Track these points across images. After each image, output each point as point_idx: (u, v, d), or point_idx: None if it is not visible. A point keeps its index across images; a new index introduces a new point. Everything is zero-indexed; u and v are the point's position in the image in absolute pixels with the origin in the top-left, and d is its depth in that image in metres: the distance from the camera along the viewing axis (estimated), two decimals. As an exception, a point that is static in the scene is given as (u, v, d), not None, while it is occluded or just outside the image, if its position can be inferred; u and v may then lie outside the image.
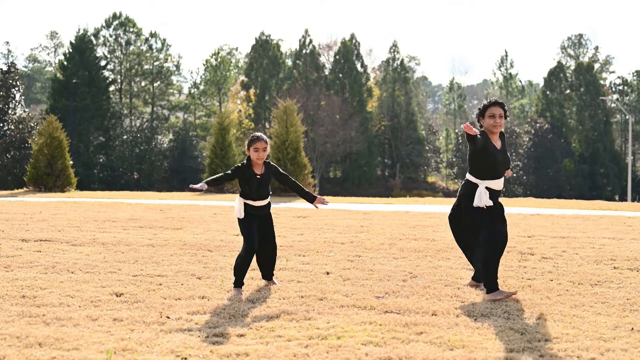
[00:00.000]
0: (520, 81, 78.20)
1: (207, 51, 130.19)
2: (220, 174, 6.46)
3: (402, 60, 70.01)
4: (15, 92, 49.10)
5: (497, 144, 6.33)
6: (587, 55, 76.15)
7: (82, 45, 59.59)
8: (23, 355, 4.23)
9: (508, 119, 6.42)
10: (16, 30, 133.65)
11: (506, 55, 75.02)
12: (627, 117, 62.61)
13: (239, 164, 6.47)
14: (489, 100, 6.36)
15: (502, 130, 6.44)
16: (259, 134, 6.41)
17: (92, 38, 62.51)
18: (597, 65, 74.33)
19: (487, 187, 6.25)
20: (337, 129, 60.31)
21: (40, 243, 9.39)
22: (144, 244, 9.44)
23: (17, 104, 49.01)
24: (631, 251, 9.10)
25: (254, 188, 6.39)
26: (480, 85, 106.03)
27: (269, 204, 6.54)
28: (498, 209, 6.35)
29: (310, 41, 65.47)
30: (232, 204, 19.76)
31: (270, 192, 6.56)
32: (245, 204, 6.43)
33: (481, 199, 6.23)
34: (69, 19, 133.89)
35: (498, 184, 6.32)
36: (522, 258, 8.52)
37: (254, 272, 7.36)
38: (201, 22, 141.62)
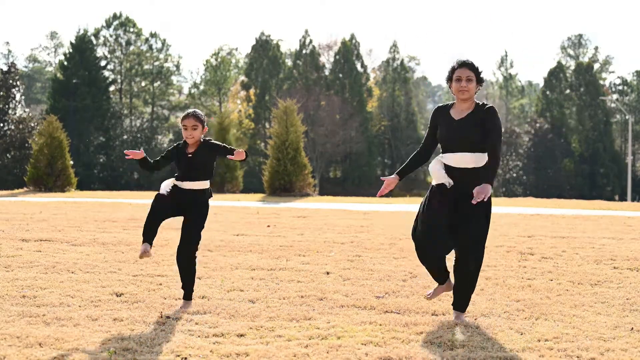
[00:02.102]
0: (520, 81, 78.20)
1: (207, 51, 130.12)
2: (156, 159, 5.91)
3: (402, 60, 69.98)
4: (15, 92, 49.12)
5: (460, 114, 5.29)
6: (587, 55, 76.11)
7: (82, 45, 59.56)
8: (23, 355, 4.23)
9: (483, 83, 5.32)
10: (16, 30, 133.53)
11: (506, 55, 75.01)
12: (627, 117, 62.59)
13: (176, 144, 5.87)
14: (456, 62, 5.30)
15: (473, 99, 5.30)
16: (191, 110, 5.79)
17: (92, 38, 62.48)
18: (597, 65, 74.29)
19: (445, 164, 5.29)
20: (337, 129, 60.30)
21: (41, 243, 9.39)
22: (144, 244, 9.43)
23: (17, 104, 49.04)
24: (631, 251, 9.10)
25: (183, 168, 5.71)
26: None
27: (204, 191, 5.75)
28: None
29: (310, 41, 65.45)
30: (232, 204, 19.75)
31: (210, 179, 5.77)
32: (173, 184, 5.77)
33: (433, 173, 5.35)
34: (69, 19, 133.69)
35: (455, 160, 5.23)
36: (522, 258, 8.52)
37: (254, 272, 7.36)
38: (201, 22, 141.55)
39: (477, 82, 5.27)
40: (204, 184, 5.77)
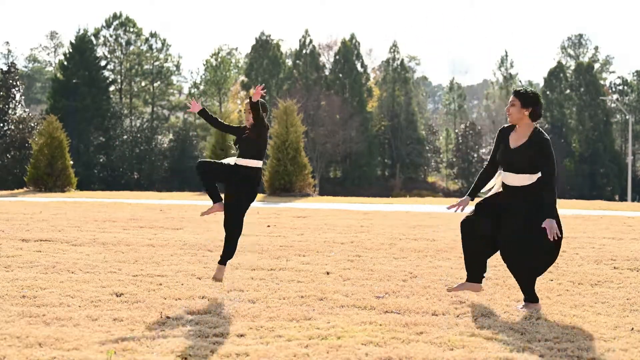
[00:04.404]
0: (520, 81, 78.17)
1: (207, 51, 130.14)
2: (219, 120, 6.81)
3: (402, 60, 69.98)
4: (15, 92, 49.17)
5: (516, 141, 5.78)
6: (587, 55, 76.11)
7: (82, 45, 59.59)
8: (23, 355, 4.22)
9: (528, 109, 5.69)
10: (16, 30, 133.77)
11: (506, 56, 74.94)
12: (627, 117, 62.58)
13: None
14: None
15: (531, 124, 5.76)
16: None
17: (92, 38, 62.51)
18: (597, 65, 74.29)
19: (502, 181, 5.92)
20: (337, 129, 60.31)
21: (41, 243, 9.39)
22: (144, 244, 9.44)
23: (17, 104, 49.10)
24: (631, 251, 9.10)
25: (239, 145, 6.54)
26: (481, 85, 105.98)
27: (253, 169, 6.42)
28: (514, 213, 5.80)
29: (311, 41, 65.46)
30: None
31: (262, 159, 6.47)
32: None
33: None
34: (69, 19, 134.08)
35: (508, 179, 5.83)
36: (522, 258, 8.51)
37: (254, 272, 7.36)
38: (201, 22, 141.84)
39: (523, 106, 5.72)
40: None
